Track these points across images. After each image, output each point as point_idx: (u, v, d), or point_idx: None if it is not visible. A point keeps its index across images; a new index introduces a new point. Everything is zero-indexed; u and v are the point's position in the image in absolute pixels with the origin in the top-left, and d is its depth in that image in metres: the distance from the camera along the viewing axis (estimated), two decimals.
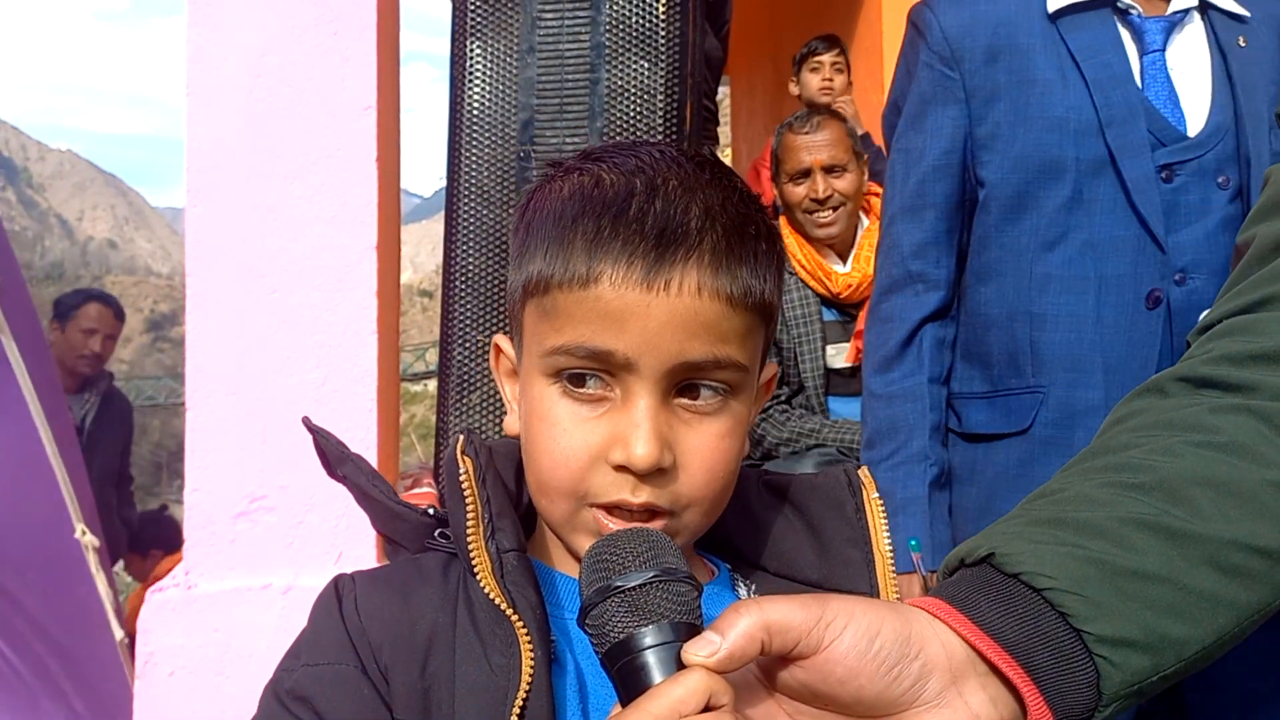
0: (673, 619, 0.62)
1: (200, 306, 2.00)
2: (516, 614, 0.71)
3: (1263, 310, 0.79)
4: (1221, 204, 1.51)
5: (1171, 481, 0.70)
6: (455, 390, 2.21)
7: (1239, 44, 1.55)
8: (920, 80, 1.60)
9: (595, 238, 0.71)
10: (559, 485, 0.74)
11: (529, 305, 0.75)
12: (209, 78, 2.03)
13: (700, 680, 0.59)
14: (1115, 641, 0.64)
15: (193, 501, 1.97)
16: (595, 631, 0.63)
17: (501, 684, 0.70)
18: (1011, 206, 1.54)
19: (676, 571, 0.64)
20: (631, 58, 2.18)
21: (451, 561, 0.78)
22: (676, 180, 0.73)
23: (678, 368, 0.71)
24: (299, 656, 0.75)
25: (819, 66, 4.17)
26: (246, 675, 1.90)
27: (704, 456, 0.73)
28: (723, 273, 0.72)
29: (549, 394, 0.74)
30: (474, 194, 2.21)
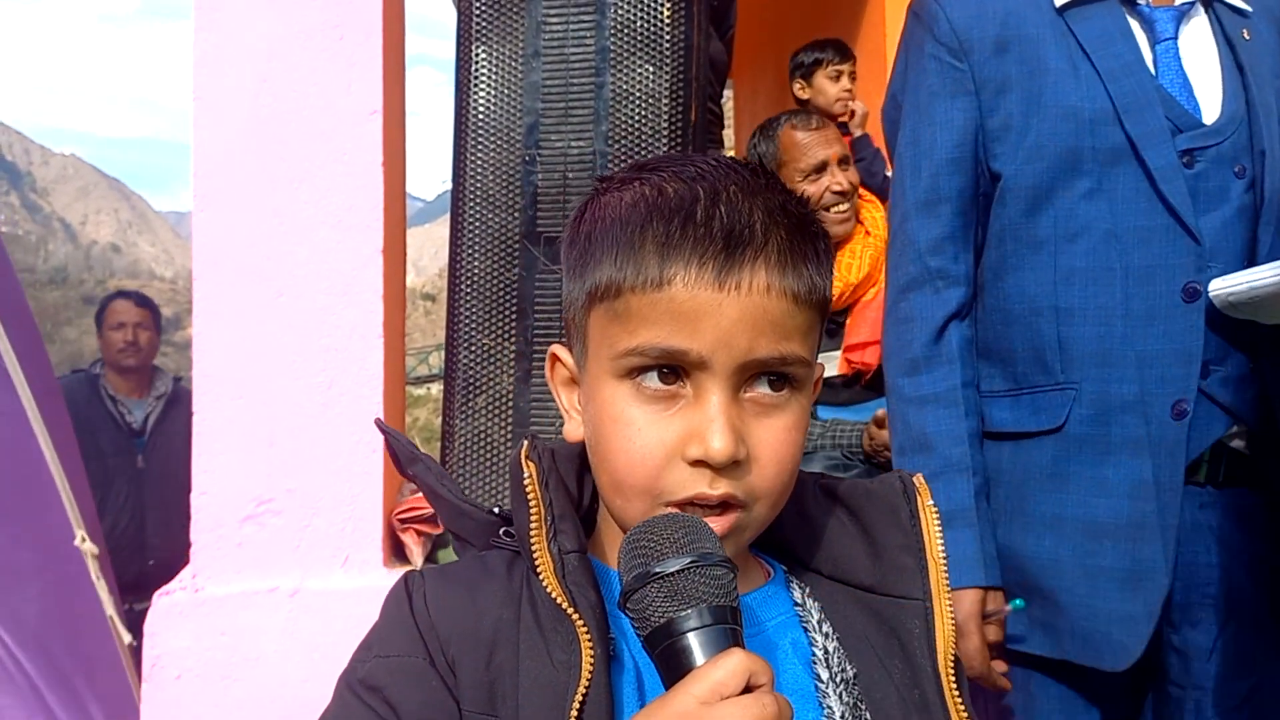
0: (711, 603, 0.64)
1: (207, 310, 2.00)
2: (577, 613, 0.74)
3: None
4: (1239, 192, 1.49)
5: None
6: (461, 393, 2.21)
7: (1244, 36, 1.54)
8: (927, 73, 1.57)
9: (666, 241, 0.74)
10: (635, 484, 0.76)
11: (595, 311, 0.78)
12: (215, 82, 2.04)
13: (740, 662, 0.62)
14: None
15: (199, 505, 1.98)
16: (636, 615, 0.66)
17: (563, 679, 0.72)
18: (1030, 199, 1.52)
19: (712, 555, 0.66)
20: (636, 62, 2.18)
21: (515, 559, 0.81)
22: (736, 186, 0.76)
23: (748, 364, 0.74)
24: (370, 649, 0.78)
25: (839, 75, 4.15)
26: (254, 678, 1.91)
27: (774, 449, 0.76)
28: (789, 271, 0.75)
29: (621, 395, 0.76)
30: (479, 198, 2.21)
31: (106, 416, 3.97)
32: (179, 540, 4.05)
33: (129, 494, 3.93)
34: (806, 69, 4.21)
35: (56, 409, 2.57)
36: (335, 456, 1.98)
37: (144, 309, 4.26)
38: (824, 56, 4.14)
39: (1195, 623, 1.50)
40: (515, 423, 2.18)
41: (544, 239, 2.19)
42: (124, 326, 4.12)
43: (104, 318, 4.20)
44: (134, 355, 4.12)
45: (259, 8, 2.02)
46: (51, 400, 2.52)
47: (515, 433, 2.18)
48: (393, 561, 2.02)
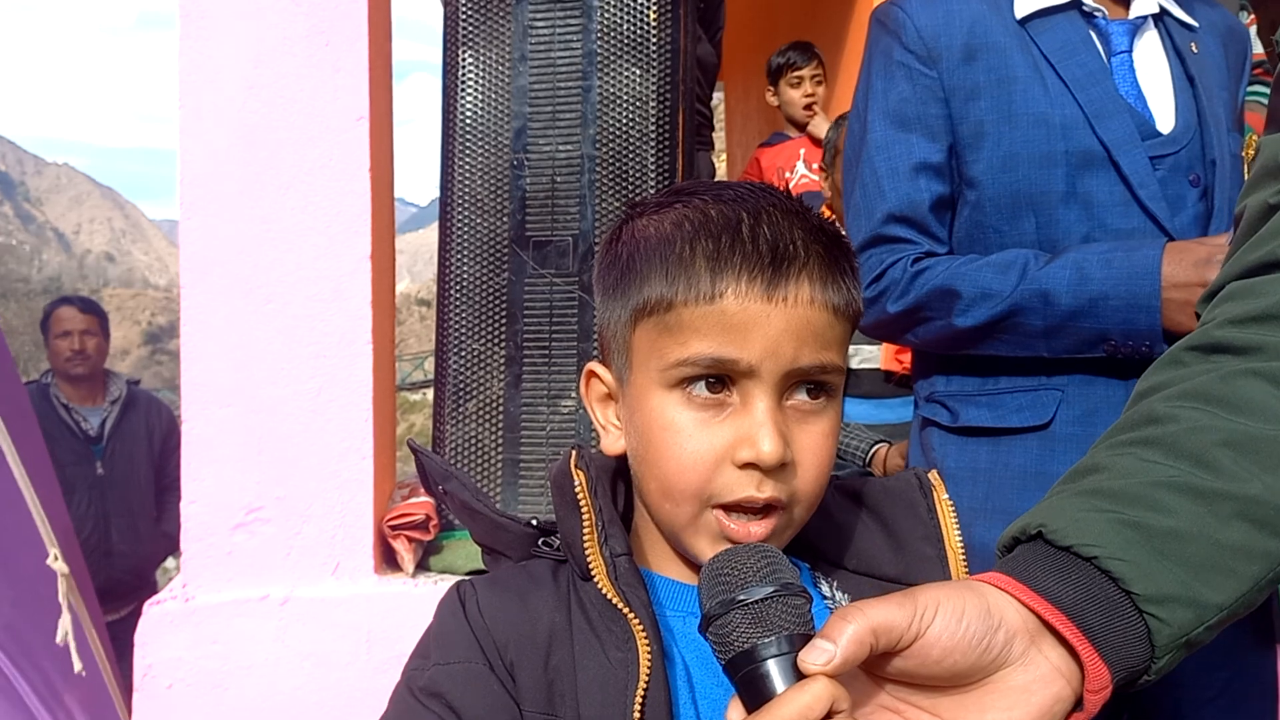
0: (790, 632, 0.67)
1: (195, 319, 2.00)
2: (632, 611, 0.78)
3: (1260, 274, 0.85)
4: (1194, 200, 1.52)
5: (1193, 447, 0.76)
6: (451, 399, 2.21)
7: (1193, 49, 1.58)
8: (896, 80, 1.57)
9: (716, 257, 0.79)
10: (686, 488, 0.79)
11: (643, 325, 0.82)
12: (201, 90, 2.03)
13: (824, 688, 0.64)
14: (1161, 599, 0.70)
15: (190, 513, 1.97)
16: (718, 640, 0.68)
17: (621, 676, 0.77)
18: (1008, 206, 1.53)
19: (793, 586, 0.70)
20: (623, 65, 2.18)
21: (559, 567, 0.86)
22: (774, 207, 0.82)
23: (792, 372, 0.79)
24: (428, 656, 0.81)
25: (799, 81, 4.16)
26: (245, 687, 1.90)
27: (815, 452, 0.81)
28: (830, 285, 0.80)
29: (670, 404, 0.80)
30: (468, 202, 2.21)
31: (61, 426, 3.93)
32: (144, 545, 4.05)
33: (90, 502, 3.90)
34: (774, 75, 4.23)
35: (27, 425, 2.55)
36: (325, 464, 1.97)
37: (90, 315, 4.21)
38: (784, 61, 4.15)
39: None
40: (506, 428, 2.17)
41: (533, 243, 2.19)
42: (70, 335, 4.07)
43: (49, 326, 4.14)
44: (82, 363, 4.07)
45: (245, 15, 2.02)
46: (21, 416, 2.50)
47: (506, 438, 2.18)
48: (384, 569, 2.01)
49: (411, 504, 2.05)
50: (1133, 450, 0.79)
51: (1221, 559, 0.72)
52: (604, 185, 2.17)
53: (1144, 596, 0.70)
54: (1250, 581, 0.73)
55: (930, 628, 0.67)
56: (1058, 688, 0.69)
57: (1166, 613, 0.70)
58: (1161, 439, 0.78)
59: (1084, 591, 0.70)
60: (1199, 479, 0.74)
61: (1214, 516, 0.73)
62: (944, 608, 0.68)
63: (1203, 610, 0.71)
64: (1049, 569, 0.72)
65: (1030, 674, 0.69)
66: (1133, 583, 0.70)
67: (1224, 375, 0.80)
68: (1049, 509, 0.76)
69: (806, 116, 4.16)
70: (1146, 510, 0.73)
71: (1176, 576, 0.71)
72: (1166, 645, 0.70)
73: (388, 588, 1.96)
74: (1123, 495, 0.75)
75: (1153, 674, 0.71)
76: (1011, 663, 0.69)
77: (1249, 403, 0.77)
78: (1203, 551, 0.72)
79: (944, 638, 0.67)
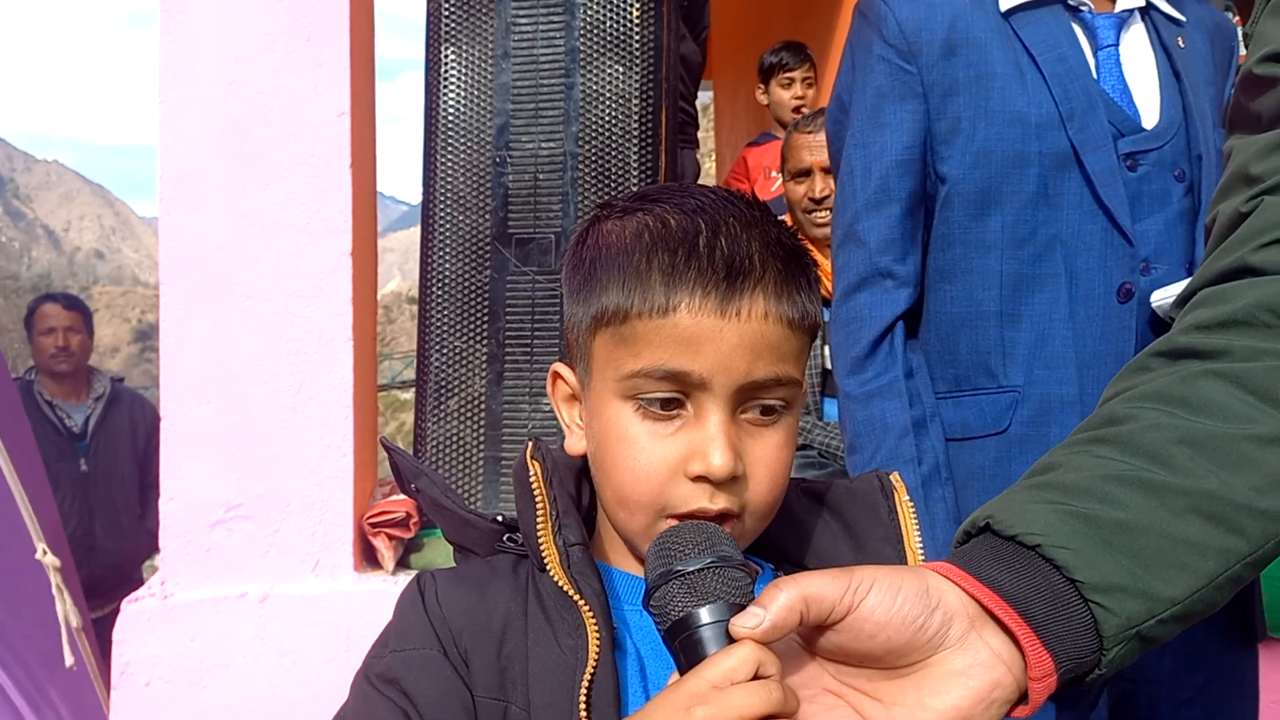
0: (728, 599, 0.69)
1: (175, 315, 1.99)
2: (583, 599, 0.79)
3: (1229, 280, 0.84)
4: (1179, 196, 1.52)
5: (1149, 445, 0.76)
6: (433, 396, 2.21)
7: (1179, 44, 1.57)
8: (876, 74, 1.57)
9: (671, 270, 0.79)
10: (639, 499, 0.80)
11: (601, 334, 0.82)
12: (182, 85, 2.02)
13: (750, 652, 0.66)
14: (1107, 588, 0.70)
15: (168, 510, 1.96)
16: (658, 611, 0.70)
17: (570, 662, 0.78)
18: (976, 203, 1.52)
19: (732, 559, 0.71)
20: (606, 62, 2.18)
21: (520, 561, 0.87)
22: (734, 219, 0.82)
23: (746, 386, 0.79)
24: (387, 645, 0.83)
25: (790, 82, 4.16)
26: (223, 685, 1.90)
27: (768, 465, 0.81)
28: (785, 299, 0.81)
29: (625, 415, 0.81)
30: (450, 200, 2.20)
31: (45, 422, 3.90)
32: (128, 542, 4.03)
33: (74, 498, 3.89)
34: (765, 74, 4.22)
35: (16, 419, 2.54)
36: (305, 461, 1.97)
37: (74, 311, 4.19)
38: (776, 61, 4.14)
39: None
40: (487, 425, 2.17)
41: (515, 240, 2.18)
42: (54, 331, 4.05)
43: (33, 323, 4.12)
44: (66, 360, 4.06)
45: (225, 11, 2.01)
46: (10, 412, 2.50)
47: (488, 435, 2.17)
48: (364, 566, 2.01)
49: (392, 501, 2.04)
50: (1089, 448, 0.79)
51: (1174, 553, 0.72)
52: (587, 182, 2.17)
53: (1088, 585, 0.70)
54: (1205, 577, 0.73)
55: (864, 602, 0.68)
56: (997, 674, 0.70)
57: (1113, 602, 0.70)
58: (1118, 437, 0.78)
59: (1027, 580, 0.70)
60: (1152, 474, 0.74)
61: (1166, 510, 0.73)
62: (880, 584, 0.69)
63: (1154, 603, 0.71)
64: (994, 558, 0.72)
65: (969, 658, 0.70)
66: (1076, 571, 0.70)
67: (1184, 377, 0.80)
68: (999, 502, 0.76)
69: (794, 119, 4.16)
70: (1096, 502, 0.73)
71: (1124, 567, 0.71)
72: (1115, 636, 0.70)
73: (368, 585, 1.95)
74: (1073, 488, 0.75)
75: (1104, 667, 0.71)
76: (949, 646, 0.70)
77: (1208, 403, 0.77)
78: (1154, 544, 0.72)
79: (878, 612, 0.68)
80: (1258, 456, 0.74)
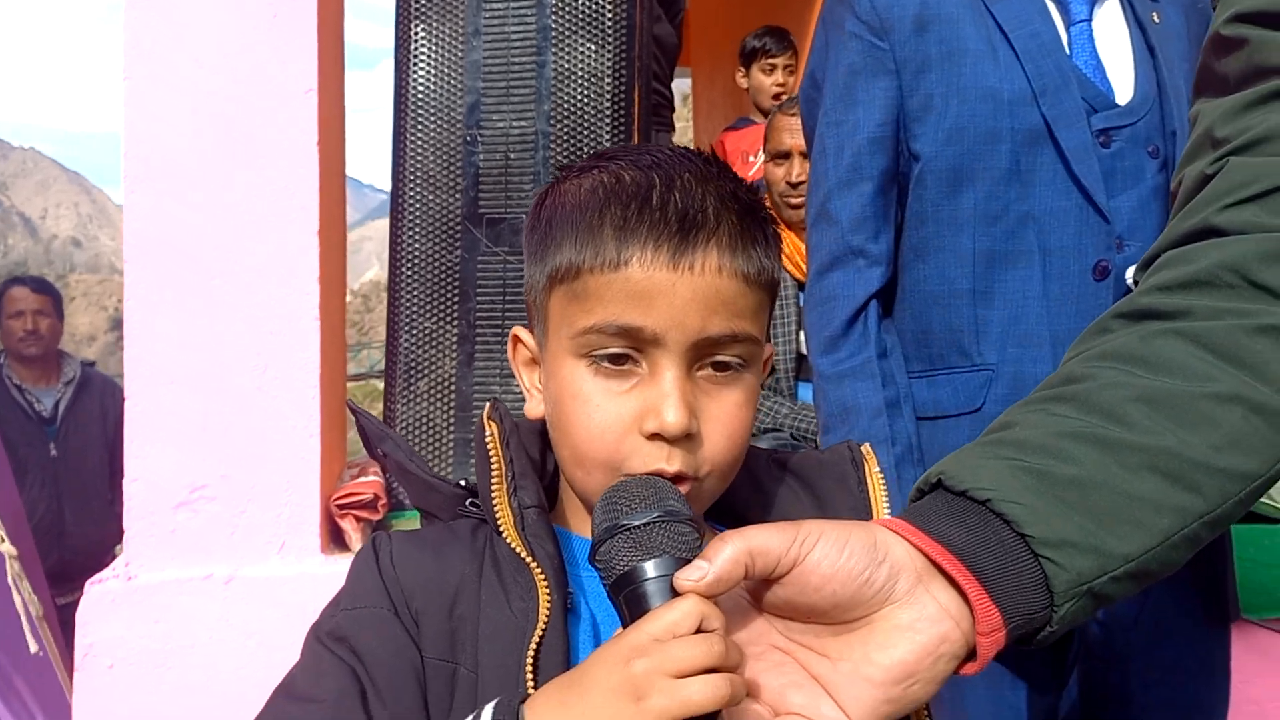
0: (673, 554, 0.69)
1: (139, 294, 1.96)
2: (535, 561, 0.79)
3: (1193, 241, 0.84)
4: (1153, 172, 1.51)
5: (1106, 402, 0.75)
6: (402, 378, 2.18)
7: (1154, 20, 1.57)
8: (848, 51, 1.56)
9: (623, 225, 0.78)
10: (595, 457, 0.79)
11: (556, 292, 0.82)
12: (146, 62, 1.99)
13: (693, 605, 0.66)
14: (1057, 543, 0.69)
15: (132, 492, 1.94)
16: (603, 565, 0.70)
17: (521, 625, 0.77)
18: (949, 180, 1.51)
19: (679, 514, 0.71)
20: (578, 40, 2.16)
21: (480, 526, 0.86)
22: (690, 173, 0.81)
23: (700, 342, 0.78)
24: (338, 604, 0.83)
25: (772, 69, 4.15)
26: (188, 667, 1.87)
27: (725, 423, 0.80)
28: (739, 253, 0.79)
29: (580, 372, 0.80)
30: (420, 179, 2.18)
31: (14, 406, 3.89)
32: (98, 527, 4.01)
33: (44, 483, 3.87)
34: (746, 58, 4.21)
35: None
36: (271, 442, 1.94)
37: (43, 295, 4.17)
38: (759, 46, 4.13)
39: None
40: (458, 406, 2.15)
41: (486, 220, 2.16)
42: (23, 315, 4.03)
43: (2, 306, 4.09)
44: (35, 344, 4.04)
45: None
46: None
47: (458, 417, 2.15)
48: (331, 548, 1.98)
49: (360, 483, 2.02)
50: (1045, 406, 0.78)
51: (1128, 509, 0.71)
52: (558, 162, 2.15)
53: (1039, 540, 0.69)
54: (1160, 535, 0.72)
55: (810, 555, 0.68)
56: (945, 628, 0.69)
57: (1064, 557, 0.69)
58: (1075, 395, 0.77)
59: (977, 535, 0.70)
60: (1107, 431, 0.73)
61: (1121, 467, 0.72)
62: (827, 537, 0.68)
63: (1106, 559, 0.70)
64: (944, 513, 0.71)
65: (916, 612, 0.69)
66: (1027, 525, 0.69)
67: (1144, 336, 0.79)
68: (952, 459, 0.76)
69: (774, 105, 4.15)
70: (1049, 459, 0.72)
71: (1076, 523, 0.70)
72: (1065, 592, 0.69)
73: (334, 568, 1.93)
74: (1026, 444, 0.74)
75: (1054, 623, 0.71)
76: (896, 600, 0.69)
77: (1167, 361, 0.77)
78: (1107, 500, 0.71)
79: (824, 565, 0.68)
80: (1216, 415, 0.74)
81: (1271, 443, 0.74)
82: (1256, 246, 0.79)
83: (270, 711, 0.79)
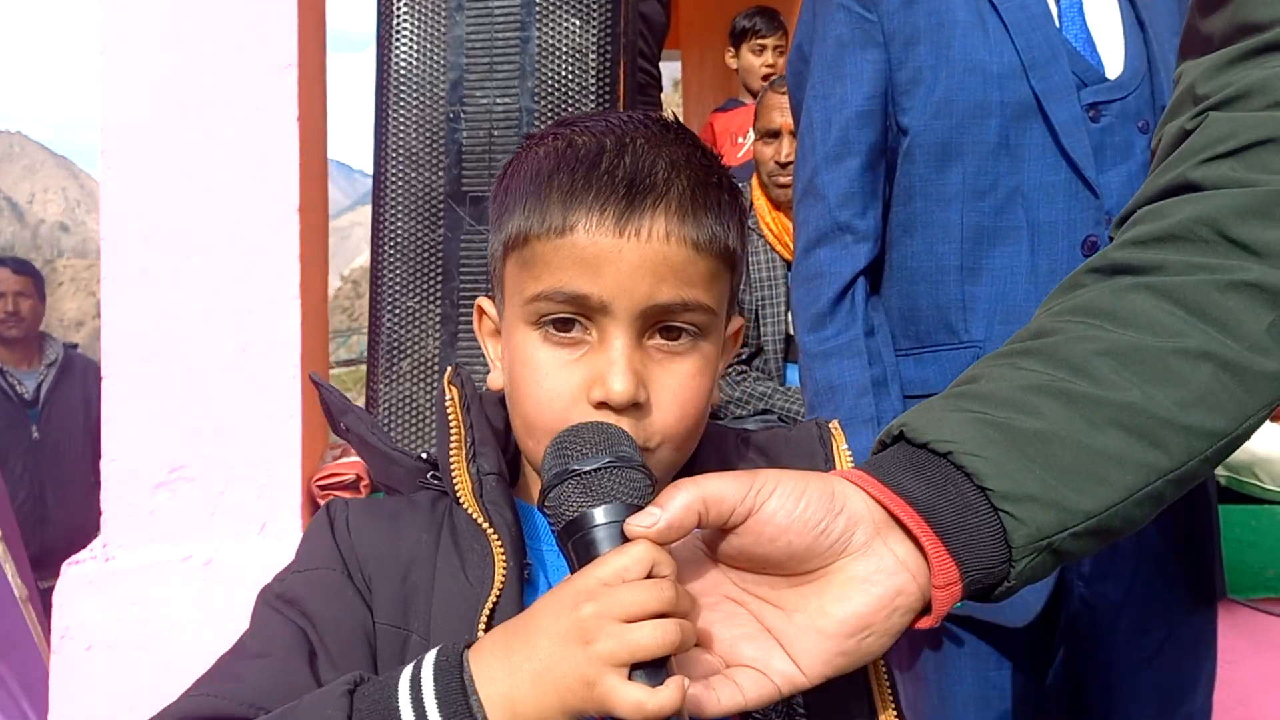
0: (624, 500, 0.68)
1: (116, 272, 1.93)
2: (492, 528, 0.78)
3: (1170, 196, 0.82)
4: (1143, 147, 1.49)
5: (1072, 356, 0.74)
6: (385, 358, 2.16)
7: None
8: (836, 23, 1.54)
9: (570, 190, 0.77)
10: (544, 425, 0.78)
11: (510, 260, 0.81)
12: (124, 37, 1.96)
13: (644, 550, 0.65)
14: (1018, 497, 0.68)
15: (110, 472, 1.92)
16: (552, 511, 0.69)
17: (476, 592, 0.76)
18: (937, 155, 1.49)
19: (631, 459, 0.70)
20: (563, 15, 2.13)
21: (441, 497, 0.85)
22: (643, 138, 0.80)
23: (649, 310, 0.77)
24: (291, 569, 0.82)
25: (762, 49, 4.12)
26: (166, 649, 1.85)
27: (676, 393, 0.79)
28: (689, 220, 0.78)
29: (530, 341, 0.79)
30: (402, 156, 2.15)
31: None
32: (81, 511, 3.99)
33: (26, 466, 3.84)
34: (736, 39, 4.19)
35: None
36: (251, 421, 1.92)
37: (24, 276, 4.14)
38: (750, 26, 4.12)
39: (1106, 575, 1.49)
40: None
41: (469, 198, 2.13)
42: (4, 296, 4.01)
43: None
44: (16, 325, 4.01)
45: None
46: None
47: None
48: None
49: (342, 464, 2.00)
50: (1011, 360, 0.77)
51: (1092, 465, 0.70)
52: None
53: (999, 493, 0.68)
54: (1124, 491, 0.71)
55: (766, 504, 0.67)
56: (900, 580, 0.68)
57: (1024, 511, 0.68)
58: (1042, 349, 0.76)
59: (937, 487, 0.69)
60: (1073, 385, 0.72)
61: (1085, 421, 0.71)
62: (784, 487, 0.67)
63: (1067, 515, 0.69)
64: (905, 465, 0.70)
65: (872, 564, 0.68)
66: (987, 479, 0.68)
67: (1115, 290, 0.78)
68: (916, 411, 0.75)
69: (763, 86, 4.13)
70: (1013, 412, 0.71)
71: (1037, 477, 0.69)
72: (1024, 546, 0.68)
73: None
74: (990, 397, 0.73)
75: (1012, 579, 0.69)
76: (853, 551, 0.68)
77: (1136, 315, 0.75)
78: (1070, 455, 0.70)
79: (779, 515, 0.67)
80: (1185, 371, 0.72)
81: (1240, 401, 0.73)
82: (1232, 201, 0.77)
83: (217, 668, 0.79)
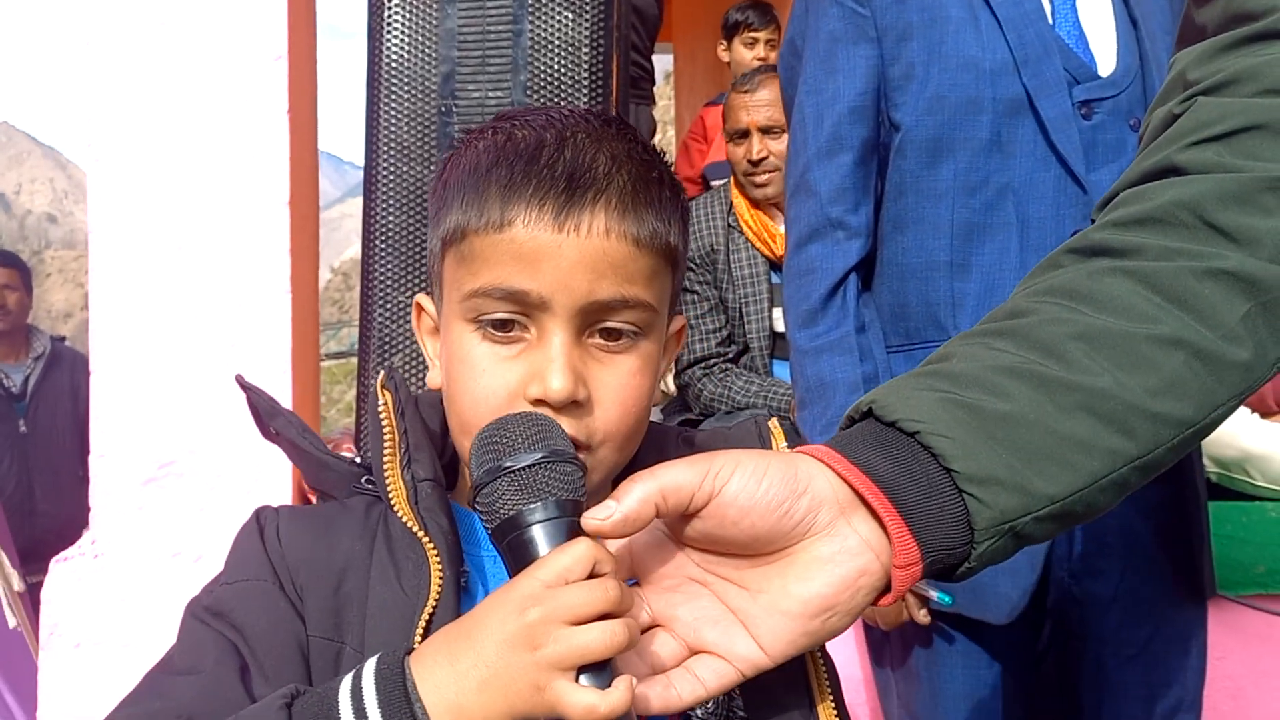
0: (559, 496, 0.67)
1: (104, 266, 1.92)
2: (428, 536, 0.76)
3: (1154, 179, 0.81)
4: (1134, 144, 1.49)
5: (1045, 338, 0.73)
6: (376, 353, 2.15)
7: None
8: (829, 18, 1.53)
9: (509, 184, 0.75)
10: (479, 423, 0.75)
11: (448, 256, 0.79)
12: (111, 25, 1.94)
13: (585, 549, 0.64)
14: (982, 479, 0.67)
15: (98, 467, 1.90)
16: (485, 509, 0.68)
17: (411, 602, 0.74)
18: (929, 150, 1.49)
19: (564, 453, 0.69)
20: (555, 8, 2.11)
21: (375, 503, 0.83)
22: (584, 133, 0.78)
23: (588, 307, 0.75)
24: (219, 580, 0.80)
25: (754, 43, 4.12)
26: (155, 646, 1.84)
27: (616, 391, 0.77)
28: (629, 216, 0.76)
29: (468, 338, 0.78)
30: (393, 150, 2.13)
31: None
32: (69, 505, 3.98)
33: (13, 460, 3.82)
34: (728, 32, 4.18)
35: None
36: (240, 416, 1.90)
37: (10, 269, 4.11)
38: (742, 19, 4.11)
39: (1096, 573, 1.49)
40: None
41: None
42: None
43: None
44: (3, 318, 4.00)
45: None
46: None
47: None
48: None
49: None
50: (984, 340, 0.76)
51: (1058, 449, 0.70)
52: None
53: (964, 475, 0.68)
54: (1089, 477, 0.70)
55: (726, 487, 0.66)
56: (864, 560, 0.68)
57: (987, 494, 0.68)
58: (1015, 330, 0.75)
59: (903, 467, 0.68)
60: (1044, 368, 0.71)
61: (1054, 405, 0.70)
62: (744, 468, 0.67)
63: (1031, 499, 0.68)
64: (872, 443, 0.70)
65: (836, 545, 0.68)
66: (953, 460, 0.68)
67: (1092, 272, 0.77)
68: (886, 388, 0.74)
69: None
70: (983, 393, 0.70)
71: (1003, 460, 0.68)
72: (987, 529, 0.68)
73: None
74: (961, 377, 0.72)
75: (973, 560, 0.69)
76: (817, 532, 0.68)
77: (1112, 299, 0.74)
78: (1037, 439, 0.69)
79: (741, 498, 0.66)
80: (1157, 358, 0.72)
81: (1210, 390, 0.73)
82: (1215, 186, 0.77)
83: (143, 687, 0.75)
